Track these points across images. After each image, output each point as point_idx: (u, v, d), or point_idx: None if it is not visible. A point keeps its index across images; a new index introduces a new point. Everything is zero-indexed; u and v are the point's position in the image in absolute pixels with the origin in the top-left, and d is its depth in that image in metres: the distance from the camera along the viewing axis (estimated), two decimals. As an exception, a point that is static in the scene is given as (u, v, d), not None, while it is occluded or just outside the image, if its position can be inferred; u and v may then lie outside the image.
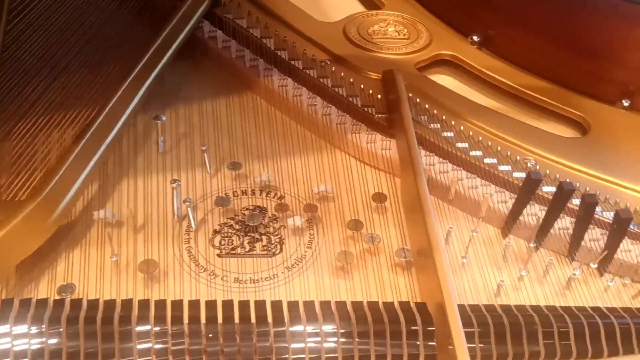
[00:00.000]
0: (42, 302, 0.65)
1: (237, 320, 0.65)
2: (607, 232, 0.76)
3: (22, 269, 0.72)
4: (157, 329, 0.63)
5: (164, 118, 0.89)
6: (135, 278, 0.73)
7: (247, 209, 0.83)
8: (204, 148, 0.86)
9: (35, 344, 0.61)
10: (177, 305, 0.66)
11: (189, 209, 0.79)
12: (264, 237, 0.80)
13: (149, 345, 0.62)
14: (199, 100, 0.97)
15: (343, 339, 0.63)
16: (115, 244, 0.75)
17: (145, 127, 0.92)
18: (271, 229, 0.81)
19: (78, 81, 0.96)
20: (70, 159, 0.77)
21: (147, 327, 0.63)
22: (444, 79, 1.06)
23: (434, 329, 0.64)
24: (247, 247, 0.79)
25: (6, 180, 0.81)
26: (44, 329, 0.62)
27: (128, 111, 0.88)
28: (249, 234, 0.80)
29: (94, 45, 1.03)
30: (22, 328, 0.62)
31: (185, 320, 0.65)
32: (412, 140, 0.82)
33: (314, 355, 0.63)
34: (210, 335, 0.63)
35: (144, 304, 0.65)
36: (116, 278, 0.73)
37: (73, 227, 0.78)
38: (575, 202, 0.79)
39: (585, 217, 0.75)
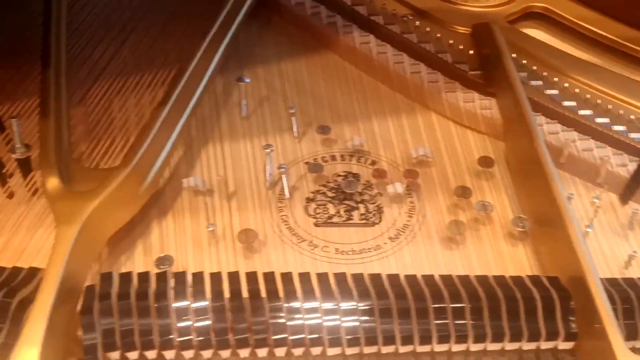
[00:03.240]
0: (144, 276, 0.60)
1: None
2: None
3: (113, 241, 0.68)
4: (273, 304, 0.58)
5: (247, 80, 0.83)
6: (234, 248, 0.68)
7: (339, 175, 0.78)
8: (292, 111, 0.80)
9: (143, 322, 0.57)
10: (288, 278, 0.61)
11: (283, 175, 0.74)
12: (360, 206, 0.74)
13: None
14: (277, 61, 0.91)
15: (473, 316, 0.57)
16: (211, 213, 0.70)
17: (224, 90, 0.86)
18: (367, 197, 0.75)
19: (149, 43, 0.91)
20: (157, 124, 0.72)
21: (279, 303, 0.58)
22: (535, 33, 0.98)
23: (573, 305, 0.58)
24: (344, 216, 0.74)
25: (86, 147, 0.77)
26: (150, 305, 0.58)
27: (209, 73, 0.82)
28: (344, 201, 0.75)
29: (161, 3, 0.98)
30: (125, 303, 0.58)
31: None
32: (521, 98, 0.76)
33: (442, 334, 0.58)
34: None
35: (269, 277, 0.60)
36: (215, 249, 0.68)
37: (162, 196, 0.73)
38: None
39: None
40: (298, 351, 0.58)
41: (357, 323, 0.57)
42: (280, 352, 0.58)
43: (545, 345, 0.58)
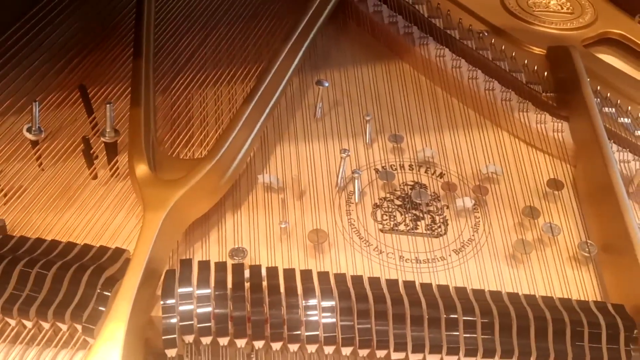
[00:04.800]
0: (221, 266, 0.63)
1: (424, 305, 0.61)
2: None
3: (188, 229, 0.71)
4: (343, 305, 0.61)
5: (326, 84, 0.85)
6: (305, 247, 0.70)
7: (407, 185, 0.79)
8: (368, 118, 0.82)
9: (219, 307, 0.59)
10: (358, 281, 0.63)
11: (356, 180, 0.76)
12: (427, 216, 0.76)
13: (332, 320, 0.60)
14: (352, 67, 0.93)
15: (538, 337, 0.59)
16: (284, 210, 0.73)
17: (300, 91, 0.89)
18: (433, 208, 0.77)
19: (231, 37, 0.94)
20: (242, 120, 0.74)
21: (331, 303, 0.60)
22: (608, 59, 0.98)
23: (637, 334, 0.59)
24: (410, 225, 0.75)
25: (168, 137, 0.80)
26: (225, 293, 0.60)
27: (289, 74, 0.85)
28: (411, 210, 0.77)
29: (243, 2, 1.00)
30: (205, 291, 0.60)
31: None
32: (598, 125, 0.76)
33: (505, 348, 0.59)
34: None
35: (324, 276, 0.63)
36: (286, 245, 0.70)
37: (237, 190, 0.76)
38: None
39: None
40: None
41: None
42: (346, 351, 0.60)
43: (606, 371, 0.59)
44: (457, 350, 0.58)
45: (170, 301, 0.59)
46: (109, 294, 0.58)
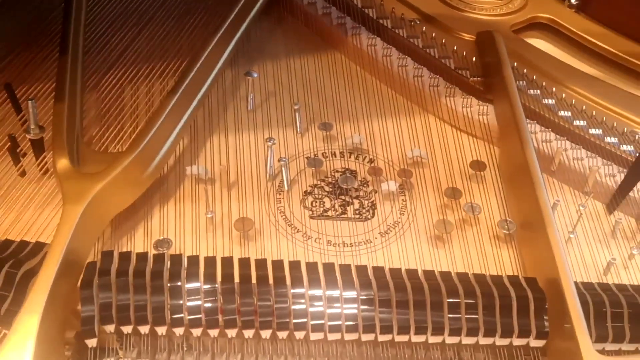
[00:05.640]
0: (142, 256, 0.64)
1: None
2: None
3: (116, 222, 0.72)
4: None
5: (255, 75, 0.86)
6: (230, 235, 0.71)
7: (337, 171, 0.81)
8: (296, 107, 0.83)
9: (138, 299, 0.60)
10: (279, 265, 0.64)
11: (283, 168, 0.77)
12: (355, 201, 0.78)
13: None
14: (285, 58, 0.94)
15: (451, 310, 0.60)
16: (212, 201, 0.74)
17: (232, 83, 0.90)
18: (362, 193, 0.78)
19: (164, 33, 0.94)
20: (165, 113, 0.75)
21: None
22: (539, 43, 1.00)
23: (546, 305, 0.61)
24: (339, 210, 0.77)
25: (97, 132, 0.80)
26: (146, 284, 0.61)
27: (218, 66, 0.86)
28: (340, 196, 0.78)
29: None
30: (124, 280, 0.61)
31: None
32: (517, 106, 0.78)
33: (420, 325, 0.61)
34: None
35: (261, 263, 0.64)
36: (212, 235, 0.71)
37: (165, 182, 0.76)
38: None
39: None
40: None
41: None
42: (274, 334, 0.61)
43: (517, 342, 0.61)
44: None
45: (90, 292, 0.59)
46: (26, 286, 0.58)
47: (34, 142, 0.75)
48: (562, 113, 0.84)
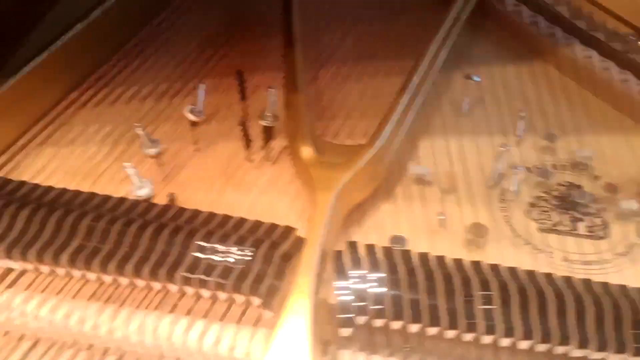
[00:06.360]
0: (388, 251, 0.62)
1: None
2: None
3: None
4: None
5: (477, 78, 0.84)
6: (459, 239, 0.69)
7: (561, 185, 0.77)
8: (522, 114, 0.80)
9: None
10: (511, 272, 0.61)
11: (514, 175, 0.74)
12: (585, 218, 0.73)
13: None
14: (494, 66, 0.92)
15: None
16: (436, 202, 0.72)
17: (442, 86, 0.88)
18: (592, 210, 0.74)
19: (370, 38, 0.94)
20: (399, 108, 0.74)
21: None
22: None
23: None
24: (569, 226, 0.73)
25: (320, 124, 0.80)
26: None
27: (436, 69, 0.84)
28: (569, 211, 0.74)
29: (381, 6, 1.01)
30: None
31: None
32: None
33: None
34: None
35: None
36: (440, 236, 0.69)
37: (389, 179, 0.75)
38: None
39: None
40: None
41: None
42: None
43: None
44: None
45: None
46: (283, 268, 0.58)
47: (266, 129, 0.76)
48: None
